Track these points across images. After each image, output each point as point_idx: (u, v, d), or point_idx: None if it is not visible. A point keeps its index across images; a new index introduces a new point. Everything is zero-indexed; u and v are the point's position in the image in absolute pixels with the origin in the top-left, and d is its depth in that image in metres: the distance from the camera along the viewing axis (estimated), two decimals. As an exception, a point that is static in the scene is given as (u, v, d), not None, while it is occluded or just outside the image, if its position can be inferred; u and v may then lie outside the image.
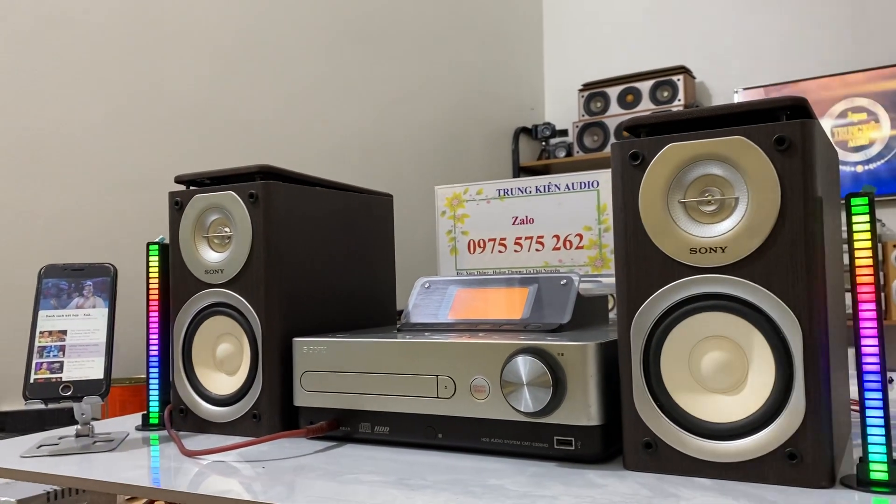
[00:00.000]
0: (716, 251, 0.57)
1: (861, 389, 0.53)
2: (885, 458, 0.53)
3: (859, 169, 3.22)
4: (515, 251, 1.06)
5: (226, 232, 0.82)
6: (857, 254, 0.53)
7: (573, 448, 0.62)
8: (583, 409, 0.61)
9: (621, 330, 0.60)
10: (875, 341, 0.53)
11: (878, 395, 0.53)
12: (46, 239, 1.83)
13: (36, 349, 0.79)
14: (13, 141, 1.79)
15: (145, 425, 0.86)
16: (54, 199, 1.87)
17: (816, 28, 3.42)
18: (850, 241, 0.54)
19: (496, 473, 0.61)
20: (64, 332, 0.81)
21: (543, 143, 3.87)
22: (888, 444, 0.53)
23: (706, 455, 0.57)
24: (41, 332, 0.81)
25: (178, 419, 0.83)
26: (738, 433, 0.56)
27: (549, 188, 1.05)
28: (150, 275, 0.87)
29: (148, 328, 0.87)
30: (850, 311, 0.56)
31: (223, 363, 0.82)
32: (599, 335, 0.67)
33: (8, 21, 1.80)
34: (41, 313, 0.81)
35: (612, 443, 0.63)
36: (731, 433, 0.56)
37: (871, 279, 0.53)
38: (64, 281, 0.82)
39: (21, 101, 1.82)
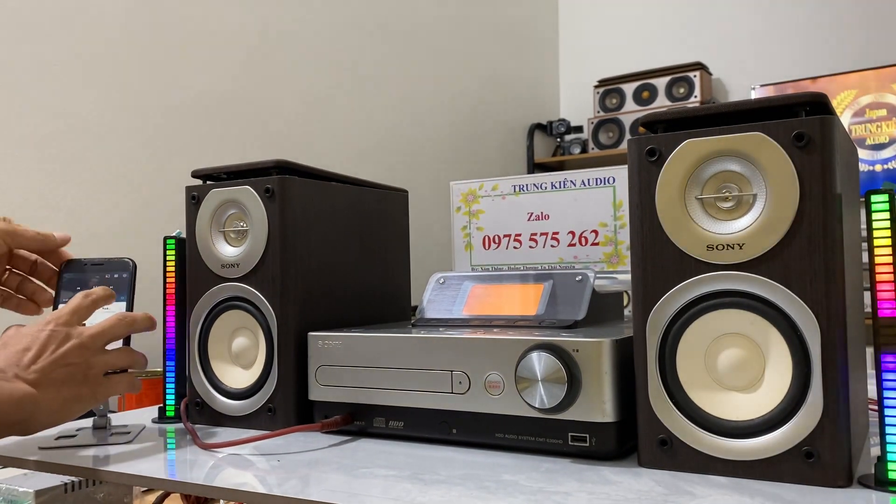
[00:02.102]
0: (733, 248, 0.56)
1: (879, 388, 0.53)
2: (903, 457, 0.52)
3: (878, 168, 3.19)
4: (530, 247, 1.06)
5: (242, 226, 0.82)
6: (876, 252, 0.53)
7: (588, 445, 0.62)
8: (598, 405, 0.61)
9: (637, 326, 0.60)
10: (894, 339, 0.52)
11: (897, 394, 0.52)
12: (66, 232, 1.85)
13: (54, 342, 0.79)
14: (35, 137, 1.81)
15: (161, 418, 0.87)
16: (74, 193, 1.88)
17: (834, 24, 3.38)
18: (869, 238, 0.53)
19: (510, 469, 0.61)
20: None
21: (558, 140, 3.86)
22: (907, 443, 0.52)
23: (722, 453, 0.56)
24: (59, 325, 0.81)
25: (194, 412, 0.84)
26: (754, 431, 0.56)
27: (564, 184, 1.05)
28: (167, 269, 0.88)
29: (164, 322, 0.87)
30: (868, 309, 0.55)
31: (239, 357, 0.83)
32: (615, 332, 0.67)
33: (30, 20, 1.81)
34: (61, 307, 0.81)
35: (627, 440, 0.63)
36: (748, 431, 0.56)
37: (890, 277, 0.52)
38: (84, 275, 0.83)
39: (42, 98, 1.83)
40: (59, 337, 0.68)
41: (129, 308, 0.84)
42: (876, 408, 0.54)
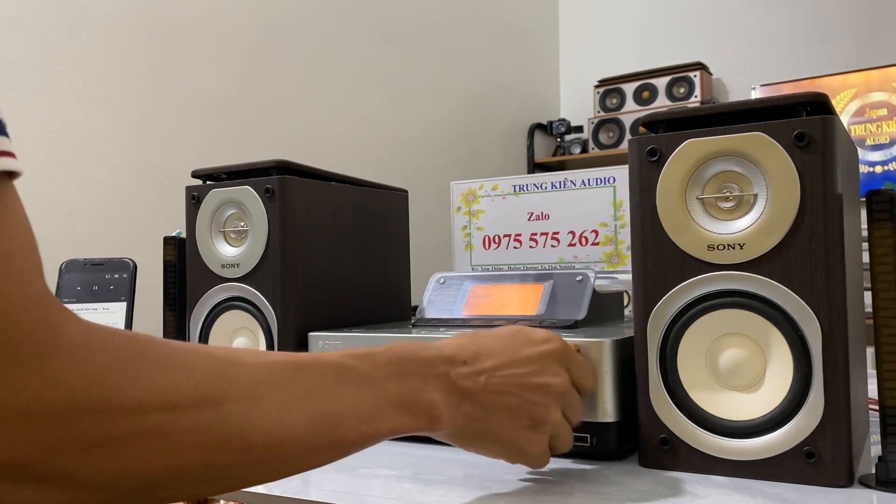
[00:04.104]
0: (734, 248, 0.56)
1: (880, 388, 0.53)
2: (904, 457, 0.52)
3: (878, 169, 3.18)
4: (531, 247, 1.06)
5: (242, 226, 0.82)
6: (876, 251, 0.53)
7: (589, 445, 0.62)
8: (599, 405, 0.61)
9: (638, 327, 0.60)
10: (895, 339, 0.52)
11: (898, 394, 0.52)
12: (66, 232, 1.85)
13: (55, 342, 0.79)
14: (36, 137, 1.81)
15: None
16: (74, 193, 1.88)
17: (834, 24, 3.38)
18: (870, 238, 0.53)
19: (511, 469, 0.61)
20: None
21: (558, 140, 3.86)
22: (908, 443, 0.52)
23: (723, 453, 0.56)
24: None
25: (195, 412, 0.84)
26: (755, 431, 0.56)
27: (564, 184, 1.05)
28: (167, 269, 0.88)
29: (165, 322, 0.87)
30: (869, 309, 0.55)
31: (239, 357, 0.83)
32: (615, 332, 0.67)
33: (29, 19, 1.81)
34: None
35: (628, 440, 0.63)
36: (749, 431, 0.56)
37: (891, 277, 0.52)
38: (84, 275, 0.82)
39: (42, 98, 1.83)
40: (545, 364, 0.53)
41: (130, 308, 0.83)
42: (876, 407, 0.54)
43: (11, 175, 0.37)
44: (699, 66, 3.46)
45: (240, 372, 0.42)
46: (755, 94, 3.40)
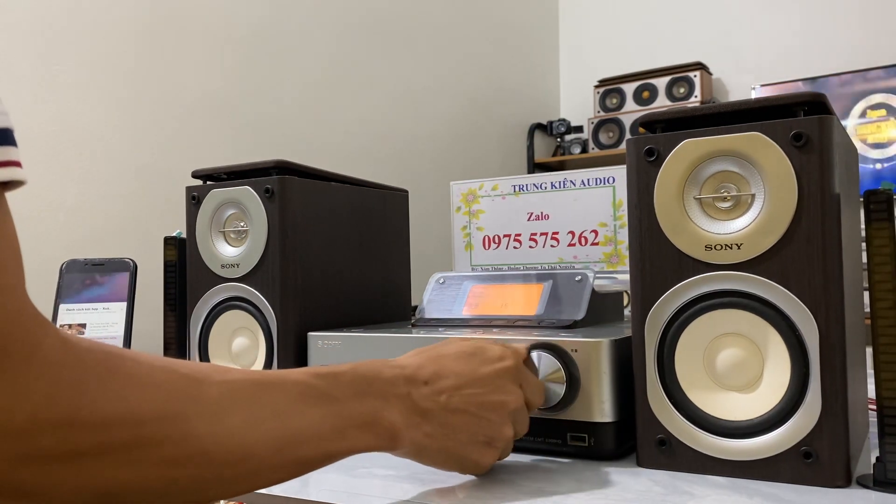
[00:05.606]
0: (731, 248, 0.57)
1: (879, 388, 0.53)
2: (901, 457, 0.52)
3: (878, 167, 3.18)
4: (530, 247, 1.06)
5: (242, 226, 0.82)
6: (874, 251, 0.53)
7: (586, 444, 0.62)
8: (596, 405, 0.61)
9: (635, 327, 0.60)
10: (892, 339, 0.52)
11: (896, 393, 0.52)
12: (66, 232, 1.85)
13: (54, 342, 0.79)
14: (35, 137, 1.81)
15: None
16: (74, 193, 1.88)
17: (834, 24, 3.38)
18: (868, 238, 0.53)
19: (509, 469, 0.61)
20: (83, 326, 0.82)
21: (558, 140, 3.86)
22: (905, 443, 0.52)
23: (720, 453, 0.57)
24: (61, 326, 0.81)
25: (194, 412, 0.84)
26: (752, 431, 0.56)
27: (564, 184, 1.05)
28: (167, 269, 0.88)
29: (165, 322, 0.87)
30: (867, 309, 0.55)
31: (238, 357, 0.83)
32: (614, 332, 0.67)
33: (30, 20, 1.81)
34: (62, 307, 0.82)
35: (626, 440, 0.63)
36: (746, 431, 0.56)
37: (889, 277, 0.52)
38: (84, 275, 0.83)
39: (42, 98, 1.83)
40: (501, 383, 0.55)
41: (130, 308, 0.84)
42: (875, 407, 0.54)
43: (7, 185, 0.36)
44: (699, 66, 3.46)
45: (205, 390, 0.42)
46: (755, 95, 3.40)
